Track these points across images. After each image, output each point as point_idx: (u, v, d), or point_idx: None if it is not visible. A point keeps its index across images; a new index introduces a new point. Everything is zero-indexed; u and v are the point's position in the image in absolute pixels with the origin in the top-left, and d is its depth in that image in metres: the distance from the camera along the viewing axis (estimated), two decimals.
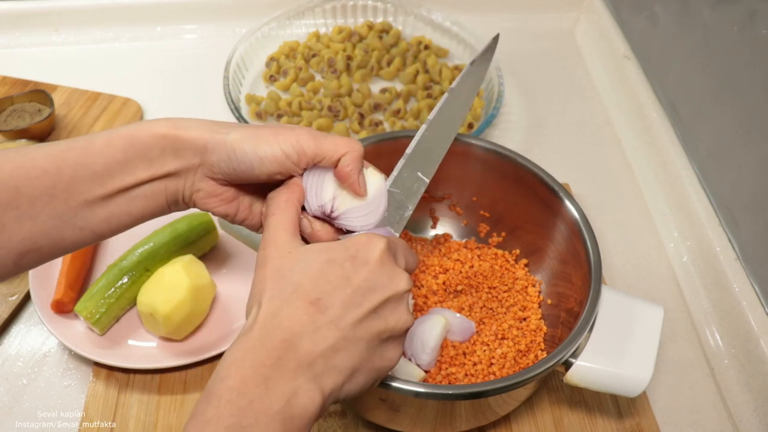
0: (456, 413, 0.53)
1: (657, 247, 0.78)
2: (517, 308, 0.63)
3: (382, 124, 0.89)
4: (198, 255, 0.71)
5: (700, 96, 0.77)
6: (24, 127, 0.82)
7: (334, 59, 0.95)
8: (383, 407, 0.53)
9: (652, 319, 0.55)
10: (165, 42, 1.04)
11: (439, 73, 0.95)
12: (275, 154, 0.42)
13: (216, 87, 0.92)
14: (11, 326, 0.68)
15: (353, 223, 0.45)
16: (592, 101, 0.97)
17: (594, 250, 0.56)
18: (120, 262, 0.67)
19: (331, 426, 0.60)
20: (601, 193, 0.84)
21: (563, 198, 0.60)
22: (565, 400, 0.63)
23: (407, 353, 0.59)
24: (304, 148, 0.43)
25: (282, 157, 0.42)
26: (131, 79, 0.97)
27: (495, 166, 0.64)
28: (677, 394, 0.65)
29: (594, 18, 1.04)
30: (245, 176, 0.43)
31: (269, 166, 0.43)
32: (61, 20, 1.03)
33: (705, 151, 0.76)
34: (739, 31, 0.69)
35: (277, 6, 1.01)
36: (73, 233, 0.42)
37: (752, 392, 0.62)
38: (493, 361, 0.59)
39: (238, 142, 0.42)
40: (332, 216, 0.45)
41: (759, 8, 0.65)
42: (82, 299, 0.64)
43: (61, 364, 0.65)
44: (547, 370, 0.49)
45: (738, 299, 0.65)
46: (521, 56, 1.03)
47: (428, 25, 1.02)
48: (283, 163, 0.43)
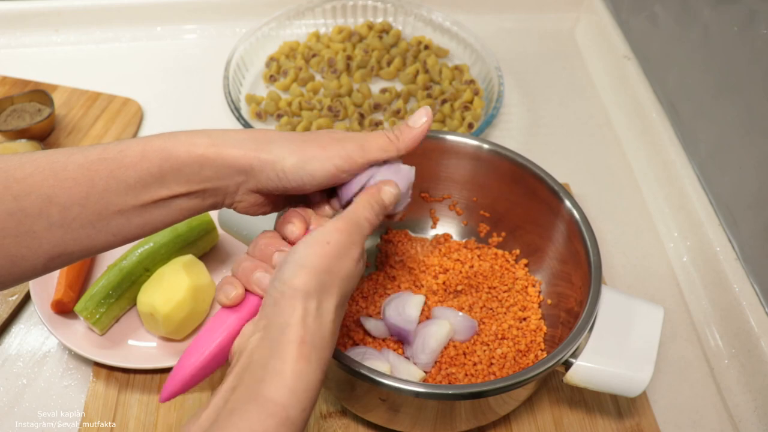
0: (456, 413, 0.53)
1: (657, 247, 0.78)
2: (517, 308, 0.63)
3: (382, 124, 0.89)
4: (198, 255, 0.71)
5: (700, 96, 0.77)
6: (24, 127, 0.82)
7: (334, 59, 0.95)
8: (383, 407, 0.53)
9: (652, 319, 0.55)
10: (165, 42, 1.04)
11: (439, 73, 0.95)
12: (328, 170, 0.42)
13: (216, 87, 0.92)
14: (11, 326, 0.68)
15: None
16: (592, 101, 0.97)
17: (594, 250, 0.56)
18: (120, 262, 0.67)
19: (331, 426, 0.60)
20: (601, 193, 0.84)
21: (563, 198, 0.60)
22: (565, 400, 0.63)
23: (407, 353, 0.59)
24: (355, 158, 0.43)
25: (335, 171, 0.42)
26: (131, 79, 0.97)
27: (495, 166, 0.64)
28: (677, 394, 0.65)
29: (594, 18, 1.04)
30: (294, 192, 0.43)
31: (320, 181, 0.43)
32: (61, 20, 1.03)
33: (705, 151, 0.76)
34: (739, 31, 0.69)
35: (277, 6, 1.01)
36: (106, 239, 0.42)
37: (752, 392, 0.62)
38: (493, 361, 0.59)
39: (287, 162, 0.41)
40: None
41: (759, 8, 0.65)
42: (82, 299, 0.64)
43: (61, 364, 0.65)
44: (547, 370, 0.49)
45: (738, 299, 0.65)
46: (521, 56, 1.03)
47: (428, 25, 1.02)
48: (336, 176, 0.43)
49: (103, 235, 0.41)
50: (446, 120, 0.89)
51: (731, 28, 0.70)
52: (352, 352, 0.58)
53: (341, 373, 0.49)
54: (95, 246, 0.42)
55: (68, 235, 0.40)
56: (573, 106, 0.97)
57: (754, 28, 0.66)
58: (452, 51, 1.01)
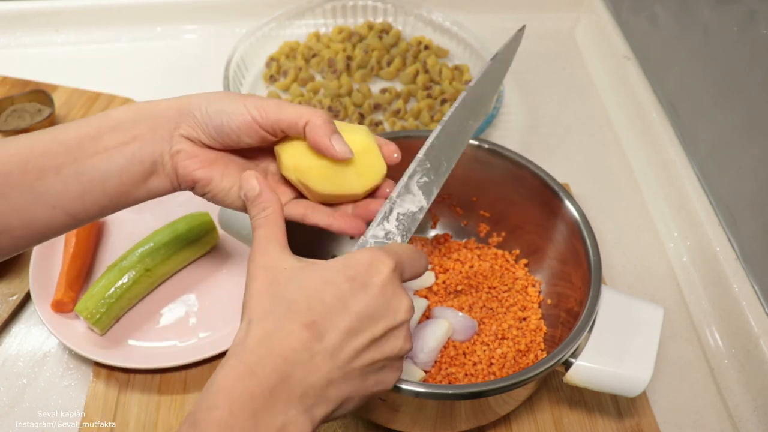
0: (456, 413, 0.53)
1: (657, 247, 0.78)
2: (517, 308, 0.63)
3: (382, 124, 0.89)
4: (198, 255, 0.71)
5: (700, 96, 0.77)
6: (24, 127, 0.82)
7: (334, 59, 0.95)
8: (383, 407, 0.53)
9: (652, 319, 0.55)
10: (165, 42, 1.04)
11: (439, 73, 0.95)
12: (241, 111, 0.43)
13: (216, 87, 0.92)
14: (11, 326, 0.68)
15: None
16: (592, 101, 0.97)
17: (594, 250, 0.56)
18: (120, 262, 0.67)
19: (331, 426, 0.60)
20: (601, 193, 0.84)
21: (563, 198, 0.60)
22: (565, 400, 0.63)
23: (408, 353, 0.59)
24: (267, 110, 0.43)
25: (247, 116, 0.43)
26: (131, 79, 0.97)
27: (495, 166, 0.64)
28: (677, 394, 0.65)
29: (594, 18, 1.04)
30: (218, 135, 0.44)
31: (237, 124, 0.43)
32: (61, 20, 1.03)
33: (705, 151, 0.76)
34: (739, 31, 0.69)
35: (277, 6, 1.01)
36: (45, 212, 0.42)
37: (752, 392, 0.62)
38: (493, 361, 0.59)
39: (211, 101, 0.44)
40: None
41: (759, 8, 0.65)
42: (82, 299, 0.64)
43: (61, 364, 0.65)
44: (547, 370, 0.49)
45: (738, 299, 0.65)
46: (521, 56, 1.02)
47: (428, 25, 1.02)
48: (251, 124, 0.43)
49: (42, 207, 0.42)
50: None
51: (731, 28, 0.70)
52: None
53: None
54: (36, 220, 0.42)
55: (8, 205, 0.41)
56: (573, 106, 0.97)
57: (754, 28, 0.66)
58: (452, 51, 1.01)
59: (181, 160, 0.45)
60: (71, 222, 0.43)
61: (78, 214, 0.43)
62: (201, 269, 0.72)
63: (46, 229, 0.43)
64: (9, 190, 0.40)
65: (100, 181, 0.43)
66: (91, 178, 0.42)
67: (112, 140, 0.43)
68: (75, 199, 0.42)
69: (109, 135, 0.43)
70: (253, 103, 0.44)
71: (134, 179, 0.44)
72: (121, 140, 0.43)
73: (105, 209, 0.44)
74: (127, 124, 0.43)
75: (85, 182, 0.42)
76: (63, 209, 0.42)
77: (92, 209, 0.43)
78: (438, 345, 0.58)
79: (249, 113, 0.43)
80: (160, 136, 0.44)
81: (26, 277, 0.69)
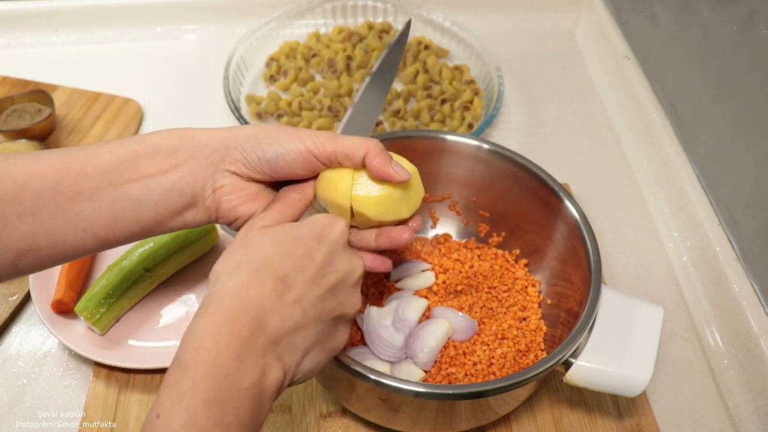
0: (456, 413, 0.53)
1: (657, 247, 0.78)
2: (517, 308, 0.63)
3: (381, 124, 0.89)
4: (198, 255, 0.71)
5: (700, 96, 0.77)
6: (24, 127, 0.82)
7: (334, 59, 0.95)
8: (383, 407, 0.53)
9: (652, 319, 0.55)
10: (165, 42, 1.04)
11: (439, 73, 0.95)
12: (298, 146, 0.43)
13: (216, 87, 0.92)
14: (11, 326, 0.68)
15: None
16: (592, 101, 0.97)
17: (594, 250, 0.56)
18: (120, 262, 0.67)
19: (331, 426, 0.60)
20: (601, 193, 0.84)
21: (563, 198, 0.60)
22: (565, 400, 0.63)
23: (407, 353, 0.59)
24: (323, 142, 0.44)
25: (304, 150, 0.43)
26: (131, 79, 0.97)
27: (495, 166, 0.64)
28: (677, 394, 0.65)
29: (594, 18, 1.04)
30: (270, 168, 0.44)
31: (292, 157, 0.43)
32: (61, 20, 1.03)
33: (705, 151, 0.76)
34: (739, 31, 0.69)
35: (277, 6, 1.01)
36: (75, 235, 0.41)
37: (752, 392, 0.62)
38: (493, 361, 0.59)
39: (262, 134, 0.43)
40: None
41: (759, 8, 0.65)
42: (82, 299, 0.64)
43: (61, 364, 0.65)
44: (547, 370, 0.49)
45: (738, 299, 0.65)
46: (521, 56, 1.03)
47: (428, 25, 1.02)
48: (306, 156, 0.44)
49: (72, 230, 0.40)
50: (446, 120, 0.89)
51: (731, 28, 0.70)
52: (352, 352, 0.58)
53: (341, 373, 0.49)
54: (64, 242, 0.41)
55: (38, 223, 0.40)
56: (573, 106, 0.97)
57: (754, 28, 0.66)
58: (452, 51, 1.01)
59: (224, 194, 0.44)
60: (99, 246, 0.42)
61: (107, 239, 0.42)
62: (201, 269, 0.72)
63: (73, 251, 0.41)
64: (40, 209, 0.39)
65: (134, 210, 0.42)
66: (125, 206, 0.41)
67: (150, 167, 0.42)
68: (106, 224, 0.41)
69: (147, 161, 0.42)
70: (307, 135, 0.44)
71: (171, 210, 0.43)
72: (160, 168, 0.42)
73: (134, 236, 0.43)
74: (166, 151, 0.42)
75: (118, 209, 0.41)
76: (93, 234, 0.41)
77: (121, 236, 0.42)
78: (438, 345, 0.58)
79: (305, 146, 0.43)
80: (202, 166, 0.43)
81: (26, 277, 0.69)
